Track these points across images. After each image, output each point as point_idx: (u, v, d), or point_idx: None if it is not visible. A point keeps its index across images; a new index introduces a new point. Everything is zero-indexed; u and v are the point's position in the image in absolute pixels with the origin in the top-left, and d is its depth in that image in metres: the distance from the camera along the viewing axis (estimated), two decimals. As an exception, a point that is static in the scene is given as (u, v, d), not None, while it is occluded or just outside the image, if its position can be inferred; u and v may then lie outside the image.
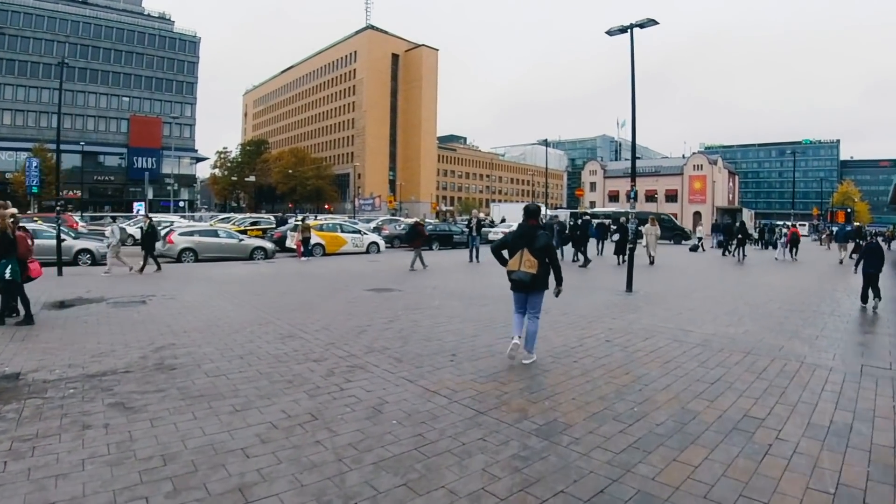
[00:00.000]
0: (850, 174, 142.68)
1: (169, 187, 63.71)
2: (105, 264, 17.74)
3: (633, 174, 12.56)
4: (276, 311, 9.92)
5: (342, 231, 26.21)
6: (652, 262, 20.88)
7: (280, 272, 17.35)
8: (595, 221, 24.59)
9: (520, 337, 6.63)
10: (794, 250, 26.10)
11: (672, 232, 40.40)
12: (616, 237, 22.58)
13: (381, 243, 27.06)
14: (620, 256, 20.75)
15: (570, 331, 8.26)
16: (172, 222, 30.23)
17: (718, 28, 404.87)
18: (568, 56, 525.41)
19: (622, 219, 22.95)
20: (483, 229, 25.51)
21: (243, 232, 31.15)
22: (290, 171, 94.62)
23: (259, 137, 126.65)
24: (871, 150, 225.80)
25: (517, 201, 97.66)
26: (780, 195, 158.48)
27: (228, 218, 40.53)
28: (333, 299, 11.45)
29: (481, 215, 23.01)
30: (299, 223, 24.80)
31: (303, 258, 22.56)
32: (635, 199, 12.83)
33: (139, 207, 57.88)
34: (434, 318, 9.17)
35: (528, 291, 6.55)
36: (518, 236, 6.50)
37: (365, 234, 27.03)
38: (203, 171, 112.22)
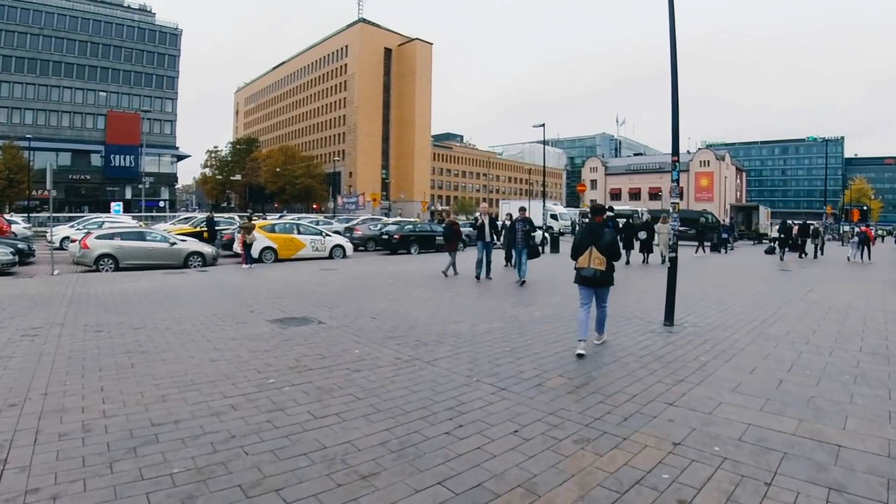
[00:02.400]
0: (855, 172, 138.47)
1: (141, 186, 59.25)
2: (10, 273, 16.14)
3: (676, 144, 8.03)
4: (52, 378, 5.63)
5: (299, 232, 21.80)
6: (664, 262, 19.19)
7: (190, 287, 13.02)
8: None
9: (584, 340, 6.51)
10: (867, 251, 24.87)
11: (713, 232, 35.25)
12: (642, 235, 20.99)
13: (348, 247, 22.68)
14: (646, 255, 20.73)
15: (587, 456, 3.88)
16: (102, 223, 25.96)
17: (719, 28, 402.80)
18: (567, 56, 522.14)
19: (647, 217, 21.02)
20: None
21: (198, 234, 27.47)
22: (279, 170, 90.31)
23: (250, 135, 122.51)
24: (873, 149, 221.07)
25: (516, 200, 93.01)
26: (784, 193, 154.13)
27: (189, 218, 36.35)
28: (199, 342, 7.13)
29: (482, 207, 16.35)
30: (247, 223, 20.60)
31: (245, 265, 18.36)
32: (678, 182, 8.33)
33: (117, 208, 53.93)
34: (321, 402, 4.79)
35: (596, 286, 6.63)
36: (586, 234, 6.71)
37: (328, 235, 22.64)
38: (196, 171, 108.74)
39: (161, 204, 78.69)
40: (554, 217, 52.89)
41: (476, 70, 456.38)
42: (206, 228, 27.33)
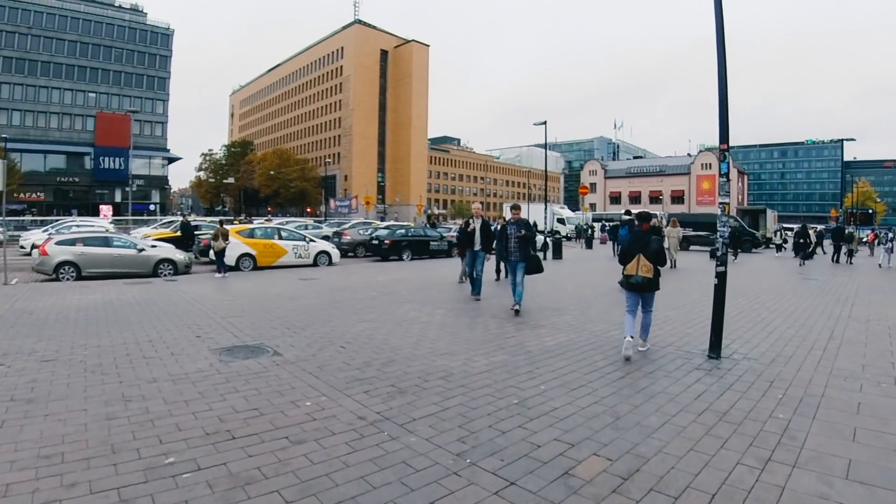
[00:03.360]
0: (854, 175, 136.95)
1: (128, 189, 57.40)
2: None
3: (725, 126, 6.24)
4: None
5: (280, 238, 20.03)
6: (674, 266, 19.80)
7: (146, 301, 11.23)
8: (609, 225, 19.05)
9: (632, 336, 6.58)
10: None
11: (741, 238, 30.57)
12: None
13: (334, 253, 20.96)
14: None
15: None
16: (71, 226, 24.24)
17: (712, 35, 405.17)
18: (564, 63, 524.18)
19: (654, 220, 19.78)
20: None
21: (177, 239, 25.90)
22: (272, 173, 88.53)
23: (245, 139, 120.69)
24: (869, 152, 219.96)
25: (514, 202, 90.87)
26: (783, 196, 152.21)
27: (171, 223, 34.66)
28: (108, 384, 5.40)
29: (475, 208, 13.17)
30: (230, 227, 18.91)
31: (218, 274, 16.66)
32: (727, 177, 6.57)
33: (106, 211, 52.19)
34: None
35: (643, 292, 6.74)
36: (634, 241, 6.81)
37: (312, 241, 20.87)
38: (193, 174, 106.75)
39: (151, 207, 76.89)
40: (561, 221, 50.58)
41: (475, 76, 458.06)
42: (181, 233, 25.82)
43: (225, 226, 17.79)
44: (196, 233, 24.42)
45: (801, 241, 22.20)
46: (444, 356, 6.53)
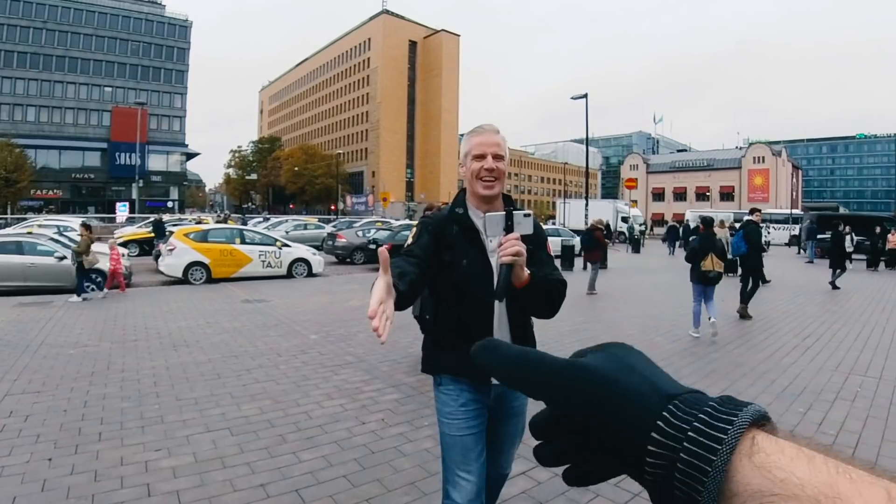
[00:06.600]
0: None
1: (134, 184, 53.88)
2: None
3: None
4: None
5: (243, 242, 15.47)
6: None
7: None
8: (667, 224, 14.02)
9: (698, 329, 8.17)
10: None
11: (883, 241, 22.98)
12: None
13: (314, 261, 16.25)
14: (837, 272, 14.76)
15: None
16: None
17: (757, 33, 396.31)
18: (606, 64, 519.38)
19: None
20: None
21: (150, 240, 22.97)
22: (297, 169, 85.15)
23: (273, 135, 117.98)
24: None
25: (547, 201, 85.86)
26: (833, 194, 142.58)
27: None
28: None
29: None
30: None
31: (81, 298, 11.96)
32: None
33: (122, 208, 48.91)
34: None
35: (713, 284, 8.21)
36: (705, 243, 8.33)
37: (286, 245, 16.23)
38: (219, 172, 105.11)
39: (169, 204, 73.82)
40: (625, 220, 43.72)
41: (514, 75, 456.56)
42: (153, 234, 22.81)
43: (91, 231, 13.17)
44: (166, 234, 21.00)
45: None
46: None
